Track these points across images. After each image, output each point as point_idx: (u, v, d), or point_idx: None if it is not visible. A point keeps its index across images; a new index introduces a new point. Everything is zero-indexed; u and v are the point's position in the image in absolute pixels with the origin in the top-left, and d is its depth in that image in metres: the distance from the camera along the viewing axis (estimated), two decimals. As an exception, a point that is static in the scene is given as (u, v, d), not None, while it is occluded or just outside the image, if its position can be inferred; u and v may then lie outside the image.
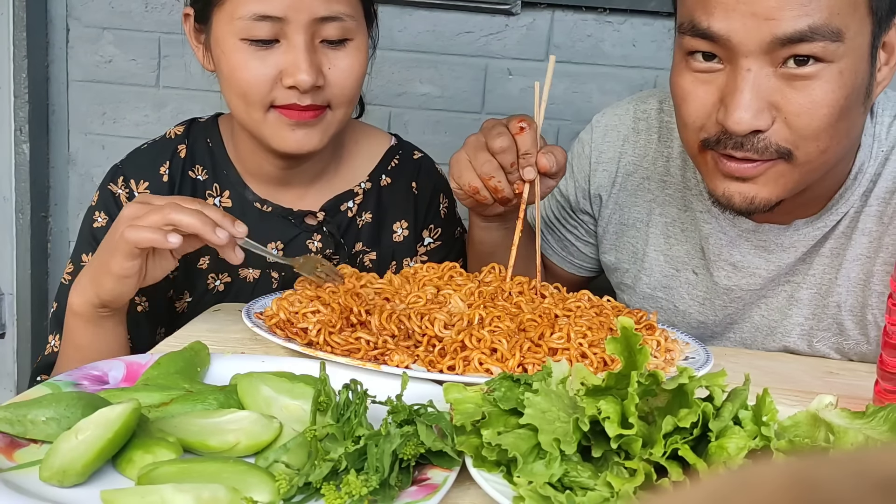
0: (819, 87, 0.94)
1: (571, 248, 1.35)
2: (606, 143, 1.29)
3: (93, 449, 0.66)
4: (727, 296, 1.19)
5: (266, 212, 1.25)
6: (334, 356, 0.88)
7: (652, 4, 1.90)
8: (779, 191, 1.00)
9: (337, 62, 1.13)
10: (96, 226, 1.22)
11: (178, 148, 1.26)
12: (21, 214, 2.08)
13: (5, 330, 2.16)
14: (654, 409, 0.69)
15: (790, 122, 0.96)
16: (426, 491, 0.65)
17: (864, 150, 1.09)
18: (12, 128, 2.04)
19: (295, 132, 1.13)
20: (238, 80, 1.11)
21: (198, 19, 1.18)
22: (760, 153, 0.97)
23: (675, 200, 1.22)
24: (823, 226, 1.11)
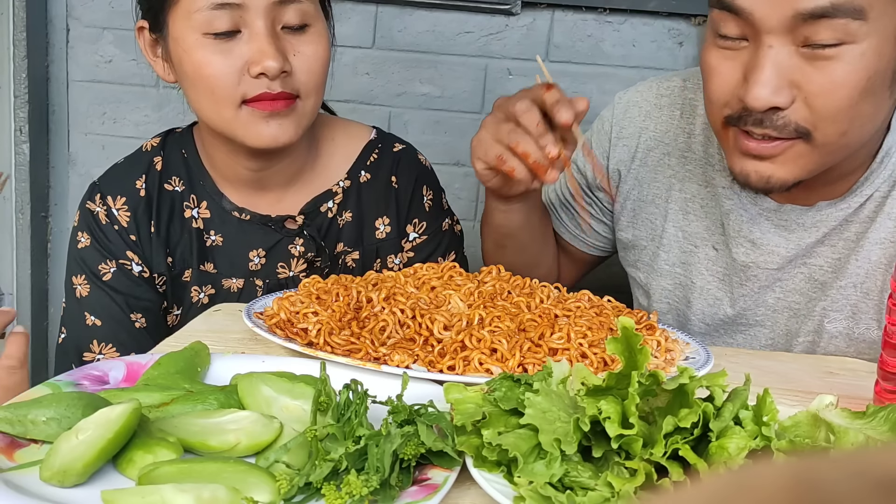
0: (840, 68, 0.94)
1: (585, 226, 1.35)
2: (627, 118, 1.29)
3: (93, 449, 0.66)
4: (744, 273, 1.19)
5: (245, 220, 1.24)
6: (334, 356, 0.88)
7: (652, 4, 1.90)
8: (796, 172, 1.01)
9: (301, 48, 1.12)
10: (80, 247, 1.23)
11: (154, 160, 1.25)
12: (21, 214, 2.09)
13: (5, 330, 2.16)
14: (655, 409, 0.69)
15: (810, 102, 0.96)
16: (426, 491, 0.65)
17: (893, 134, 1.09)
18: (12, 128, 2.04)
19: (269, 125, 1.11)
20: (205, 77, 1.10)
21: (153, 29, 1.16)
22: (779, 131, 0.97)
23: (696, 176, 1.23)
24: (847, 207, 1.12)
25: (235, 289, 1.25)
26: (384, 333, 0.93)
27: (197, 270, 1.23)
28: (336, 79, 2.05)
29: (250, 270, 1.24)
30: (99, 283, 1.20)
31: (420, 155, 1.35)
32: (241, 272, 1.24)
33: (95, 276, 1.21)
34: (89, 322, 1.20)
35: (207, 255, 1.24)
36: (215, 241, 1.25)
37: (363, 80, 2.03)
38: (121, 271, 1.21)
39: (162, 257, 1.23)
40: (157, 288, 1.23)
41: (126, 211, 1.23)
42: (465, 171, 2.06)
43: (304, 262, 1.25)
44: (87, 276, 1.21)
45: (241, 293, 1.24)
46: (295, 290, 1.05)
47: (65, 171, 2.14)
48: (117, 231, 1.22)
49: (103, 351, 1.19)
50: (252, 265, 1.24)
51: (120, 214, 1.23)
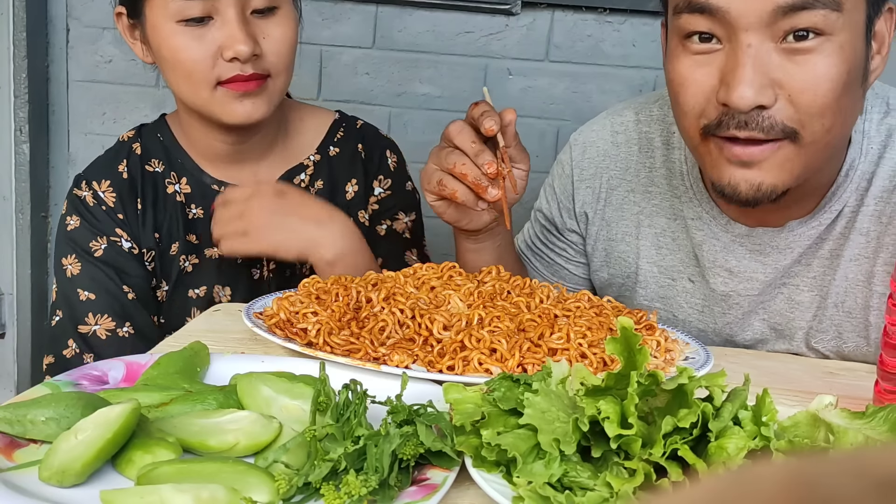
0: (821, 62, 0.92)
1: (562, 272, 1.33)
2: (587, 159, 1.27)
3: (92, 449, 0.66)
4: (725, 302, 1.17)
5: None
6: (334, 356, 0.88)
7: (652, 4, 1.90)
8: (784, 176, 0.98)
9: (269, 31, 1.20)
10: (70, 228, 1.29)
11: (133, 146, 1.33)
12: (21, 214, 2.09)
13: (5, 330, 2.16)
14: (654, 410, 0.69)
15: (794, 99, 0.94)
16: (426, 491, 0.65)
17: (855, 147, 1.08)
18: (12, 128, 2.04)
19: (242, 103, 1.19)
20: (182, 62, 1.18)
21: (130, 15, 1.24)
22: (766, 132, 0.94)
23: (663, 210, 1.20)
24: (818, 224, 1.10)
25: (216, 255, 1.31)
26: (384, 333, 0.93)
27: (183, 241, 1.30)
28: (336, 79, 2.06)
29: None
30: (90, 258, 1.26)
31: (380, 130, 1.44)
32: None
33: (87, 254, 1.26)
34: (83, 297, 1.24)
35: (190, 227, 1.31)
36: (196, 213, 1.32)
37: (363, 80, 2.03)
38: (111, 247, 1.27)
39: (150, 233, 1.29)
40: (146, 265, 1.29)
41: (112, 192, 1.30)
42: (464, 171, 2.06)
43: None
44: (77, 255, 1.27)
45: (220, 259, 1.31)
46: (294, 290, 1.05)
47: (65, 171, 2.14)
48: (105, 211, 1.29)
49: (99, 322, 1.23)
50: None
51: (106, 196, 1.29)
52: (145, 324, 1.25)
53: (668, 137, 1.22)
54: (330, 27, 1.99)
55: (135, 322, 1.23)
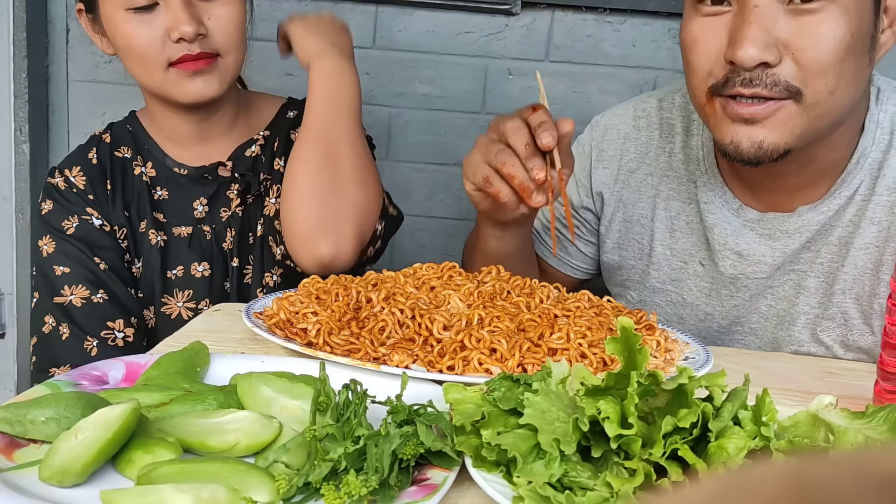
0: (826, 23, 0.96)
1: (571, 248, 1.36)
2: (607, 140, 1.30)
3: (92, 449, 0.66)
4: (733, 285, 1.19)
5: (184, 175, 1.39)
6: (334, 356, 0.88)
7: (652, 4, 1.90)
8: (786, 135, 1.00)
9: (214, 11, 1.27)
10: (44, 212, 1.35)
11: (103, 137, 1.42)
12: (21, 214, 2.08)
13: (5, 330, 2.16)
14: (654, 409, 0.69)
15: (798, 58, 0.97)
16: (426, 491, 0.65)
17: (868, 136, 1.10)
18: (12, 128, 2.04)
19: (195, 81, 1.27)
20: (133, 47, 1.26)
21: (87, 10, 1.31)
22: (770, 89, 0.98)
23: (679, 194, 1.24)
24: (827, 210, 1.12)
25: (185, 234, 1.37)
26: (383, 333, 0.93)
27: (150, 217, 1.36)
28: (336, 79, 2.05)
29: (196, 218, 1.38)
30: (63, 236, 1.32)
31: None
32: (188, 221, 1.38)
33: (60, 232, 1.32)
34: (58, 272, 1.29)
35: (156, 206, 1.38)
36: (162, 195, 1.39)
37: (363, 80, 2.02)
38: (83, 224, 1.33)
39: (120, 211, 1.36)
40: (119, 241, 1.35)
41: (82, 176, 1.37)
42: (464, 171, 2.05)
43: (239, 199, 1.39)
44: (51, 235, 1.32)
45: (190, 238, 1.37)
46: (294, 290, 1.05)
47: (65, 171, 2.14)
48: (76, 192, 1.36)
49: (74, 292, 1.28)
50: (197, 213, 1.39)
51: (77, 180, 1.36)
52: (119, 290, 1.30)
53: (688, 125, 1.25)
54: (330, 27, 1.99)
55: (108, 289, 1.28)
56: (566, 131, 1.02)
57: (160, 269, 1.35)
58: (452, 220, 2.04)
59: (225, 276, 1.37)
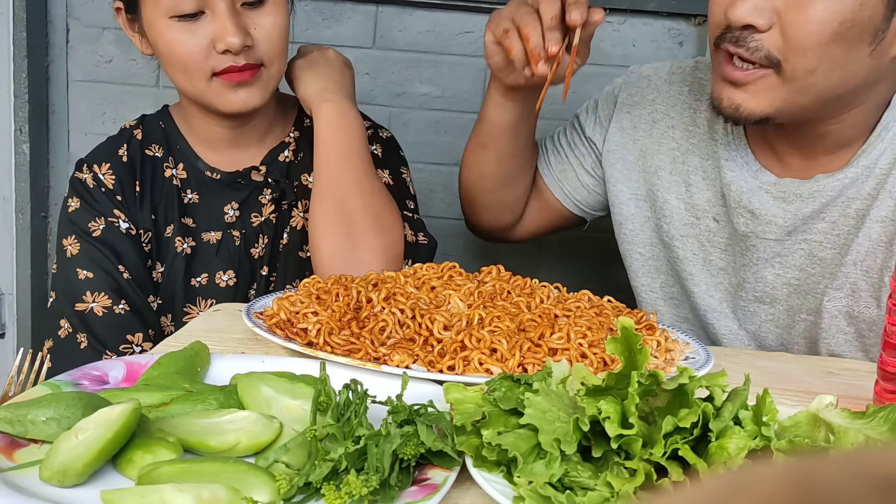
0: (817, 4, 0.98)
1: (570, 174, 1.37)
2: (637, 88, 1.33)
3: (93, 449, 0.66)
4: (744, 242, 1.21)
5: (217, 179, 1.36)
6: (334, 356, 0.88)
7: (652, 4, 1.90)
8: (764, 105, 1.04)
9: (260, 21, 1.23)
10: (70, 210, 1.33)
11: (134, 133, 1.38)
12: (21, 214, 2.08)
13: (5, 330, 2.16)
14: (655, 409, 0.69)
15: (784, 31, 1.00)
16: (426, 491, 0.65)
17: (893, 110, 1.11)
18: (12, 128, 2.04)
19: (238, 93, 1.24)
20: (177, 55, 1.23)
21: (128, 10, 1.28)
22: (751, 53, 1.02)
23: (699, 150, 1.25)
24: (844, 177, 1.14)
25: (214, 241, 1.35)
26: (384, 333, 0.93)
27: (178, 223, 1.33)
28: (336, 79, 2.05)
29: (226, 223, 1.35)
30: (89, 238, 1.30)
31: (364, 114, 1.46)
32: (217, 226, 1.35)
33: (86, 234, 1.30)
34: (81, 276, 1.27)
35: (186, 211, 1.35)
36: (192, 198, 1.36)
37: (363, 80, 2.03)
38: (109, 227, 1.30)
39: (147, 214, 1.33)
40: (143, 246, 1.32)
41: (111, 175, 1.34)
42: (465, 171, 2.05)
43: (272, 206, 1.36)
44: (77, 236, 1.30)
45: (219, 244, 1.34)
46: (295, 290, 1.05)
47: (65, 171, 2.14)
48: (104, 192, 1.33)
49: (96, 299, 1.26)
50: (228, 217, 1.36)
51: (106, 178, 1.34)
52: (141, 303, 1.28)
53: None
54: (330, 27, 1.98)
55: (130, 300, 1.26)
56: (596, 19, 1.07)
57: (183, 277, 1.32)
58: (452, 220, 2.03)
59: (250, 285, 1.35)
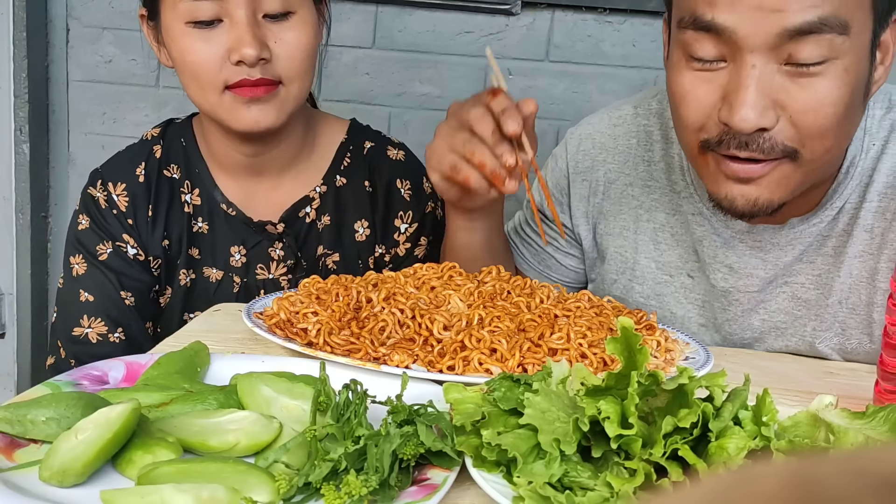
0: (825, 85, 0.92)
1: (550, 261, 1.31)
2: (582, 152, 1.25)
3: (93, 449, 0.66)
4: (725, 298, 1.17)
5: (231, 215, 1.29)
6: (334, 356, 0.88)
7: (652, 4, 1.90)
8: (781, 192, 0.98)
9: (282, 35, 1.15)
10: (80, 228, 1.28)
11: (154, 149, 1.31)
12: (21, 214, 2.09)
13: (5, 330, 2.16)
14: (654, 410, 0.69)
15: (796, 121, 0.93)
16: (426, 491, 0.65)
17: (856, 144, 1.07)
18: (12, 128, 2.04)
19: (250, 109, 1.16)
20: (189, 63, 1.15)
21: (150, 17, 1.21)
22: (766, 153, 0.94)
23: (662, 205, 1.20)
24: (819, 221, 1.10)
25: (214, 279, 1.29)
26: (384, 333, 0.93)
27: (185, 254, 1.28)
28: (336, 79, 2.05)
29: (230, 265, 1.29)
30: (95, 262, 1.26)
31: (390, 149, 1.35)
32: (221, 264, 1.29)
33: (93, 256, 1.26)
34: (83, 298, 1.25)
35: (194, 240, 1.29)
36: (201, 227, 1.30)
37: (363, 80, 2.03)
38: (116, 252, 1.27)
39: (158, 240, 1.28)
40: (152, 271, 1.28)
41: (125, 196, 1.28)
42: (465, 171, 2.06)
43: (283, 266, 1.29)
44: (84, 256, 1.27)
45: (218, 285, 1.29)
46: (295, 290, 1.05)
47: (65, 171, 2.14)
48: (115, 215, 1.28)
49: (92, 325, 1.23)
50: (233, 260, 1.29)
51: (119, 199, 1.28)
52: (138, 331, 1.25)
53: (666, 132, 1.21)
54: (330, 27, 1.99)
55: (128, 329, 1.23)
56: (529, 112, 1.00)
57: (180, 309, 1.29)
58: (452, 220, 2.03)
59: None
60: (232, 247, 1.28)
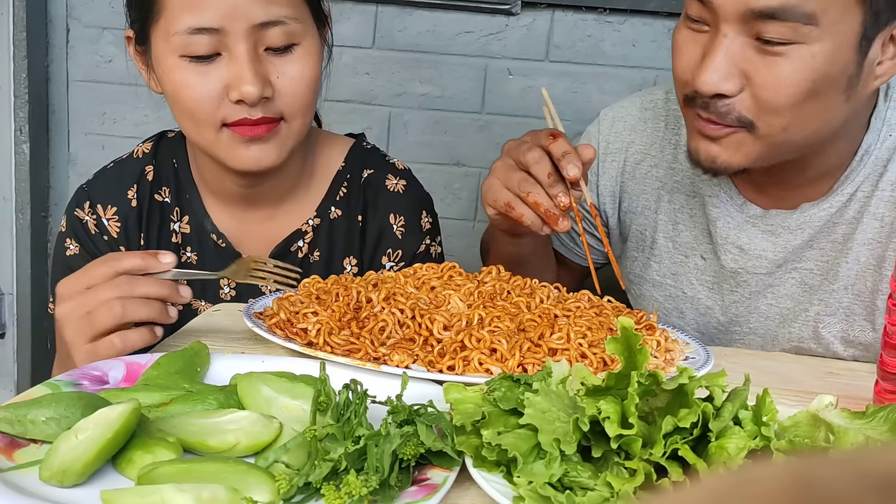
0: (788, 66, 0.96)
1: (577, 238, 1.37)
2: (614, 133, 1.31)
3: (93, 449, 0.66)
4: (734, 279, 1.20)
5: (221, 246, 1.22)
6: (334, 356, 0.88)
7: (652, 4, 1.90)
8: (739, 158, 1.03)
9: (285, 69, 1.08)
10: (69, 254, 1.20)
11: (146, 170, 1.23)
12: (21, 214, 2.09)
13: (5, 330, 2.16)
14: (654, 409, 0.69)
15: (755, 94, 0.98)
16: (426, 491, 0.65)
17: (873, 133, 1.11)
18: (12, 128, 2.04)
19: (250, 149, 1.08)
20: (183, 99, 1.07)
21: (138, 41, 1.13)
22: (721, 118, 1.01)
23: (684, 186, 1.25)
24: (830, 207, 1.13)
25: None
26: (384, 333, 0.93)
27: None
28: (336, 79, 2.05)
29: (220, 298, 1.22)
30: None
31: (390, 177, 1.28)
32: (211, 297, 1.22)
33: None
34: None
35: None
36: (190, 258, 1.23)
37: (363, 80, 2.03)
38: None
39: None
40: None
41: (116, 221, 1.21)
42: (464, 170, 2.06)
43: None
44: None
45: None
46: (295, 290, 1.05)
47: (65, 171, 2.14)
48: (107, 241, 1.21)
49: None
50: (223, 293, 1.23)
51: (110, 225, 1.21)
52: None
53: None
54: (330, 27, 1.99)
55: None
56: (588, 159, 1.03)
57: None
58: (452, 219, 2.03)
59: None
60: (222, 280, 1.22)
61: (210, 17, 1.04)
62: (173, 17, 1.05)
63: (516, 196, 1.03)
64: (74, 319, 0.91)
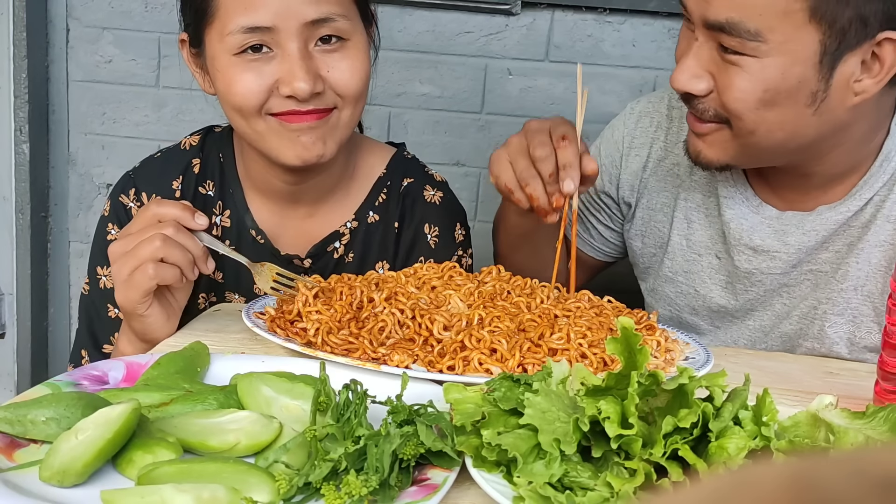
0: (740, 75, 1.01)
1: (593, 232, 1.38)
2: (640, 128, 1.32)
3: (93, 449, 0.66)
4: (748, 279, 1.21)
5: (259, 242, 1.24)
6: (334, 356, 0.88)
7: (652, 4, 1.90)
8: (720, 154, 1.08)
9: (335, 64, 1.09)
10: (110, 238, 1.21)
11: (193, 162, 1.25)
12: (21, 214, 2.09)
13: (5, 330, 2.16)
14: (654, 410, 0.69)
15: (719, 96, 1.04)
16: (426, 491, 0.65)
17: (893, 139, 1.12)
18: (12, 128, 2.04)
19: (300, 138, 1.10)
20: (233, 93, 1.09)
21: (192, 44, 1.15)
22: (700, 114, 1.06)
23: (701, 186, 1.26)
24: (846, 210, 1.14)
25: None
26: (383, 333, 0.93)
27: (206, 277, 1.19)
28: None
29: (254, 294, 1.21)
30: None
31: (427, 188, 1.30)
32: (244, 290, 1.23)
33: None
34: (112, 314, 1.20)
35: (218, 263, 1.20)
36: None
37: (363, 80, 2.03)
38: None
39: None
40: None
41: None
42: (464, 170, 2.06)
43: None
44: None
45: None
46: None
47: (65, 171, 2.14)
48: None
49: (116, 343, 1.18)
50: (256, 288, 1.20)
51: None
52: None
53: None
54: (330, 27, 1.99)
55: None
56: (589, 173, 1.06)
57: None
58: (452, 220, 2.03)
59: None
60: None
61: (263, 17, 1.06)
62: (227, 17, 1.07)
63: (517, 182, 1.07)
64: (120, 253, 1.01)
